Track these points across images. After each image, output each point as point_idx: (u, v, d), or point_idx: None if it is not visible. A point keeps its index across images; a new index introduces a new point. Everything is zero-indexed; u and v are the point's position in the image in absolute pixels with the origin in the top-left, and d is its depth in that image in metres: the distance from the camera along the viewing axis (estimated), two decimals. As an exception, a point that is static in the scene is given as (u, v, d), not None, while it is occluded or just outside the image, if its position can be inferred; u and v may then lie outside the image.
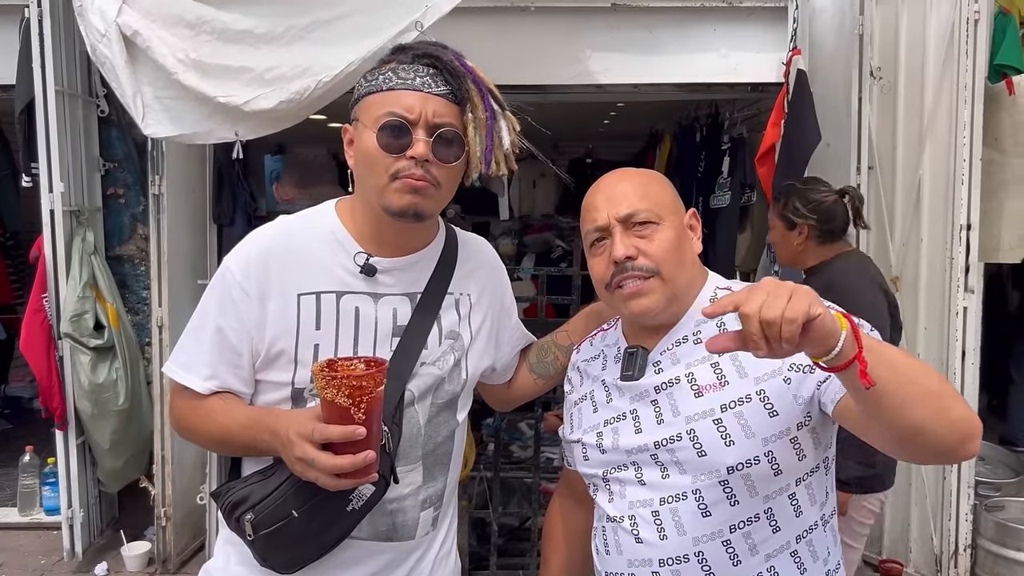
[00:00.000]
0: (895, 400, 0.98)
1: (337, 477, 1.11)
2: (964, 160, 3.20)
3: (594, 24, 3.45)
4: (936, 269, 3.37)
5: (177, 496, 3.62)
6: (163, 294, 3.55)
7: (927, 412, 0.99)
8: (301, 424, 1.12)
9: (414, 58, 1.27)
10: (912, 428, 1.00)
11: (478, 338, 1.43)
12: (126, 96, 2.73)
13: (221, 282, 1.30)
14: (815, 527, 1.23)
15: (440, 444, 1.36)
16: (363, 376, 1.08)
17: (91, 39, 2.73)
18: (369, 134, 1.24)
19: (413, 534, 1.34)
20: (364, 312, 1.30)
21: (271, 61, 2.70)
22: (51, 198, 3.53)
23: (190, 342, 1.32)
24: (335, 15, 2.69)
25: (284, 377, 1.28)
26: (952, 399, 1.02)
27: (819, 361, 0.96)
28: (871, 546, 3.69)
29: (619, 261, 1.25)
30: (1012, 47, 3.22)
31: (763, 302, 0.91)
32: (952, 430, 1.00)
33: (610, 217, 1.27)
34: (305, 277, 1.29)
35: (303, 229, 1.34)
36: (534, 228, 6.86)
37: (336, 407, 1.07)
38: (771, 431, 1.17)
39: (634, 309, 1.27)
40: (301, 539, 1.23)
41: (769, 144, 3.40)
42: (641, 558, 1.24)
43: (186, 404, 1.32)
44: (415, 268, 1.35)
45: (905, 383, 0.98)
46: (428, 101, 1.24)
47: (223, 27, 2.71)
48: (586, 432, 1.35)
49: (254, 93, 2.70)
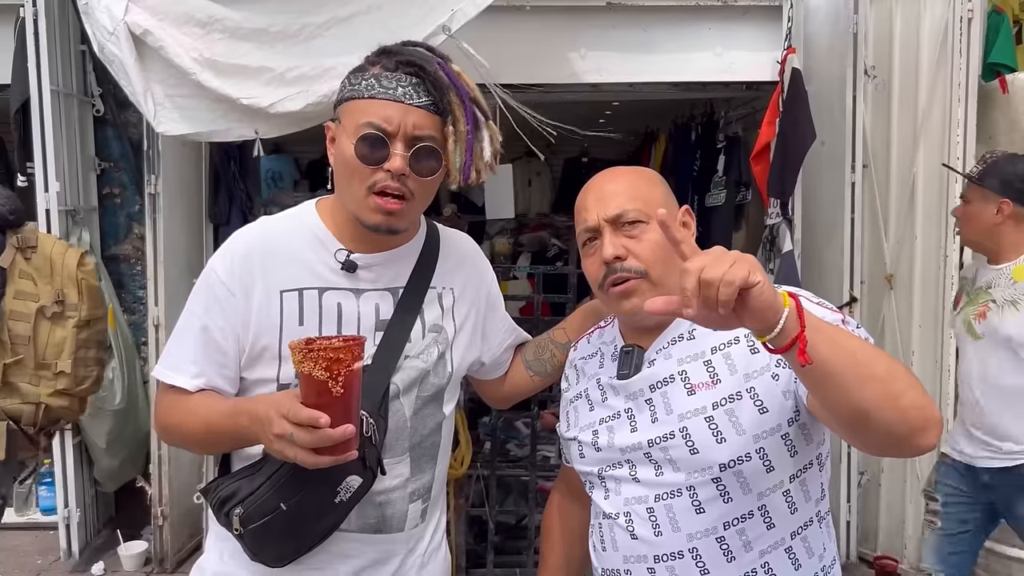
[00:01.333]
0: (839, 380, 0.97)
1: (316, 454, 1.10)
2: (958, 158, 3.21)
3: (589, 23, 3.45)
4: (930, 267, 3.39)
5: (174, 495, 3.62)
6: (159, 293, 3.55)
7: (872, 395, 0.97)
8: (279, 403, 1.13)
9: (397, 65, 1.26)
10: (857, 411, 0.99)
11: (462, 331, 1.44)
12: (136, 94, 2.72)
13: (205, 282, 1.32)
14: (810, 523, 1.24)
15: (427, 436, 1.37)
16: (340, 349, 1.08)
17: (99, 38, 2.71)
18: (348, 141, 1.25)
19: (402, 526, 1.36)
20: (346, 308, 1.31)
21: (290, 61, 2.68)
22: (47, 198, 3.53)
23: (177, 344, 1.33)
24: (351, 12, 2.67)
25: (269, 373, 1.29)
26: (905, 386, 1.00)
27: (764, 341, 0.96)
28: (866, 543, 3.71)
29: (608, 262, 1.26)
30: (1005, 45, 3.24)
31: (705, 264, 0.93)
32: (901, 417, 0.98)
33: (599, 218, 1.28)
34: (287, 274, 1.30)
35: (284, 228, 1.35)
36: (530, 227, 6.87)
37: (314, 380, 1.08)
38: (761, 428, 1.18)
39: (625, 309, 1.27)
40: (290, 532, 1.24)
41: (764, 143, 3.41)
42: (637, 554, 1.25)
43: (169, 401, 1.33)
44: (396, 263, 1.36)
45: (852, 365, 0.97)
46: (408, 113, 1.24)
47: (235, 25, 2.69)
48: (582, 430, 1.36)
49: (277, 94, 2.68)
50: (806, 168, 3.37)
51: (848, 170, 3.55)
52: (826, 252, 3.72)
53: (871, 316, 3.64)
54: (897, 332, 3.52)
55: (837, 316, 1.19)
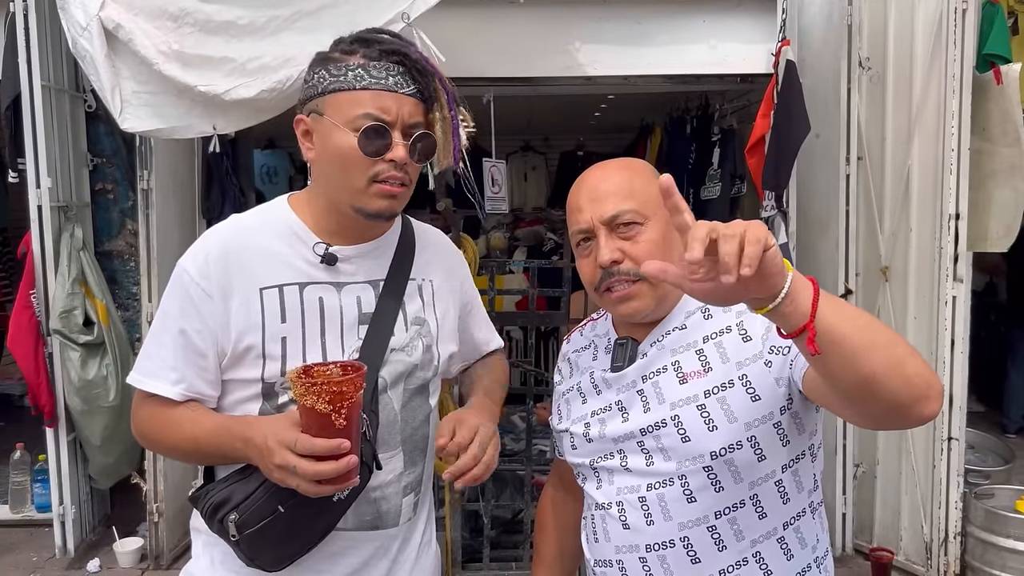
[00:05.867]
0: (846, 348, 0.94)
1: (318, 483, 1.11)
2: (952, 150, 3.20)
3: (583, 16, 3.45)
4: (925, 259, 3.39)
5: (169, 492, 3.61)
6: (153, 289, 3.53)
7: (879, 362, 0.95)
8: (280, 432, 1.11)
9: (381, 54, 1.25)
10: (863, 380, 0.96)
11: (444, 323, 1.44)
12: (104, 90, 2.73)
13: (179, 285, 1.28)
14: (803, 514, 1.24)
15: (417, 429, 1.37)
16: (343, 382, 1.07)
17: (72, 33, 2.71)
18: (343, 134, 1.23)
19: (397, 520, 1.35)
20: (328, 302, 1.29)
21: (253, 52, 2.68)
22: (38, 194, 3.52)
23: (153, 349, 1.30)
24: (319, 5, 2.68)
25: (253, 373, 1.27)
26: (907, 354, 0.98)
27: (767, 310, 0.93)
28: (862, 534, 3.72)
29: (605, 266, 1.23)
30: (1000, 36, 3.23)
31: (714, 226, 0.88)
32: (905, 384, 0.96)
33: (593, 219, 1.25)
34: (265, 271, 1.28)
35: (258, 225, 1.33)
36: (525, 221, 6.87)
37: (316, 413, 1.07)
38: (753, 416, 1.17)
39: (623, 312, 1.26)
40: (288, 534, 1.23)
41: (759, 135, 3.41)
42: (628, 544, 1.25)
43: (150, 413, 1.30)
44: (375, 255, 1.36)
45: (857, 331, 0.95)
46: (402, 102, 1.25)
47: (206, 18, 2.69)
48: (574, 423, 1.35)
49: (235, 83, 2.68)
50: (801, 160, 3.37)
51: (843, 162, 3.55)
52: (821, 244, 3.72)
53: (866, 308, 3.62)
54: (892, 324, 3.52)
55: None
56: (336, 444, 1.08)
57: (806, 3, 3.67)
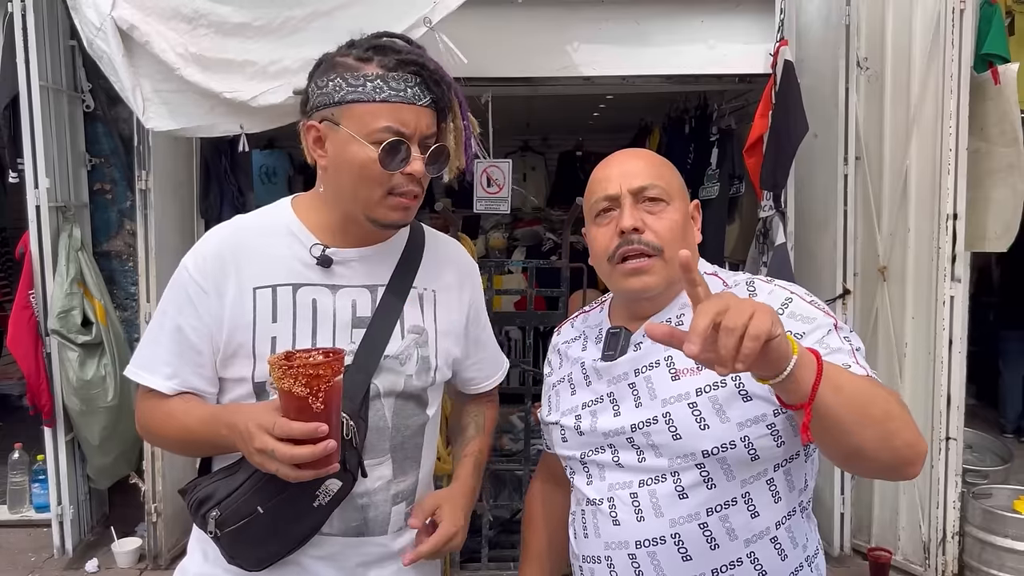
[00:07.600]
0: (841, 426, 1.00)
1: (297, 468, 1.10)
2: (950, 150, 3.21)
3: (582, 16, 3.45)
4: (923, 258, 3.39)
5: (168, 492, 3.61)
6: (151, 289, 3.53)
7: (870, 438, 1.01)
8: (260, 416, 1.12)
9: (398, 64, 1.24)
10: (852, 451, 1.03)
11: (445, 334, 1.41)
12: (125, 90, 2.72)
13: (178, 281, 1.30)
14: (793, 513, 1.24)
15: (409, 438, 1.35)
16: (320, 364, 1.07)
17: (87, 33, 2.71)
18: (361, 146, 1.22)
19: (385, 529, 1.33)
20: (322, 304, 1.29)
21: (273, 54, 2.68)
22: (37, 194, 3.52)
23: (150, 343, 1.32)
24: (333, 6, 2.67)
25: (244, 372, 1.27)
26: (900, 425, 1.04)
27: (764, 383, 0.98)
28: (860, 534, 3.72)
29: (626, 231, 1.24)
30: (998, 36, 3.23)
31: (723, 308, 0.90)
32: (893, 455, 1.04)
33: (622, 187, 1.27)
34: (260, 271, 1.28)
35: (257, 225, 1.34)
36: (524, 221, 6.87)
37: (294, 397, 1.07)
38: (746, 416, 1.17)
39: (634, 286, 1.26)
40: (267, 535, 1.22)
41: (757, 135, 3.41)
42: (618, 540, 1.24)
43: (149, 406, 1.32)
44: (374, 259, 1.34)
45: (853, 410, 1.00)
46: (420, 115, 1.24)
47: (220, 20, 2.69)
48: (564, 415, 1.35)
49: (259, 88, 2.68)
50: (799, 160, 3.37)
51: (841, 162, 3.56)
52: (819, 244, 3.72)
53: (864, 308, 3.64)
54: (891, 324, 3.53)
55: (829, 320, 1.19)
56: (313, 428, 1.07)
57: (804, 3, 3.68)
